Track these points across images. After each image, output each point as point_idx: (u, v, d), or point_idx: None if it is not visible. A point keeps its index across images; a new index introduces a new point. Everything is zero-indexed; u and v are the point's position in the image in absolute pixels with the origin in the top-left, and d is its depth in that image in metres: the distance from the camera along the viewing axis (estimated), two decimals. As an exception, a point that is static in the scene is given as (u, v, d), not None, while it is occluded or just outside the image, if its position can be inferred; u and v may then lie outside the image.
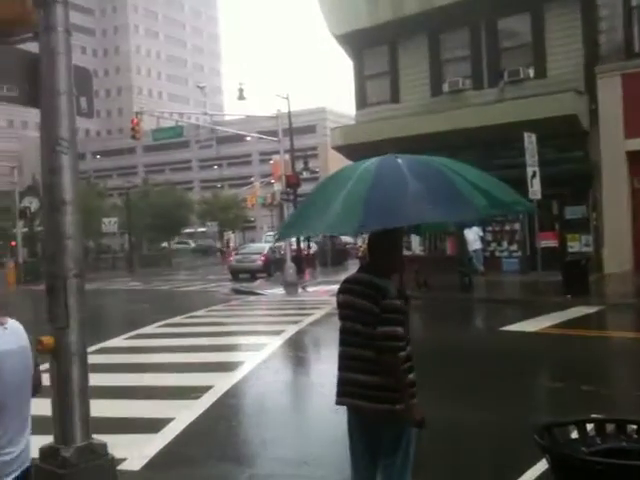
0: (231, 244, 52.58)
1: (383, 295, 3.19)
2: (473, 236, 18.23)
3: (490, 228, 20.18)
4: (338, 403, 3.44)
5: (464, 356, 9.48)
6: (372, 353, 3.20)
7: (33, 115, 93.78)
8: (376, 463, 3.40)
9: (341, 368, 3.41)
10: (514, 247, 20.21)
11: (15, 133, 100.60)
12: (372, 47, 22.41)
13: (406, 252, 20.11)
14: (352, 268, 28.98)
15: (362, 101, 23.09)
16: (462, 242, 17.64)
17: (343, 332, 3.43)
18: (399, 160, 3.19)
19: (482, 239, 19.40)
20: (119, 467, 4.03)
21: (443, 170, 3.15)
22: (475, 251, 18.62)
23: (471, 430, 5.98)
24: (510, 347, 10.04)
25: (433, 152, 4.05)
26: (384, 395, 3.20)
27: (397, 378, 3.17)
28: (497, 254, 20.52)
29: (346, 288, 3.44)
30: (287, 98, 27.26)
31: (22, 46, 4.06)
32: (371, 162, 3.27)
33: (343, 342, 3.43)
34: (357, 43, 22.56)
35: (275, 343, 11.28)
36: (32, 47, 4.02)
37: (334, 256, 33.18)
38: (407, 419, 3.21)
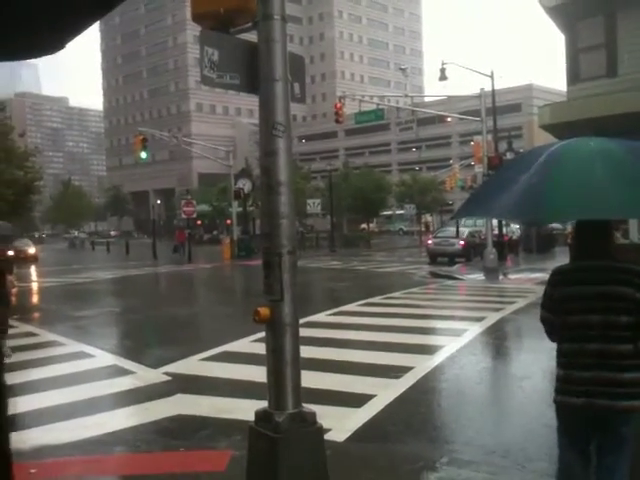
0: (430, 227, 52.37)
1: None
2: None
3: None
4: (578, 404, 3.15)
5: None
6: (627, 346, 3.03)
7: (246, 102, 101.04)
8: (590, 462, 3.19)
9: (580, 366, 3.13)
10: None
11: (230, 120, 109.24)
12: (586, 18, 20.68)
13: (623, 240, 18.37)
14: (560, 256, 27.33)
15: (574, 76, 21.46)
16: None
17: (581, 327, 3.13)
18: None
19: None
20: (325, 437, 4.19)
21: None
22: None
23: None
24: None
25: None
26: (636, 391, 3.03)
27: None
28: None
29: (587, 277, 3.16)
30: (491, 76, 26.25)
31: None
32: (605, 142, 3.06)
33: (580, 338, 3.13)
34: (570, 14, 20.95)
35: (475, 329, 11.02)
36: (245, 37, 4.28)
37: (539, 242, 31.44)
38: None
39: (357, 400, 6.65)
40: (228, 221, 43.46)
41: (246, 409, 4.30)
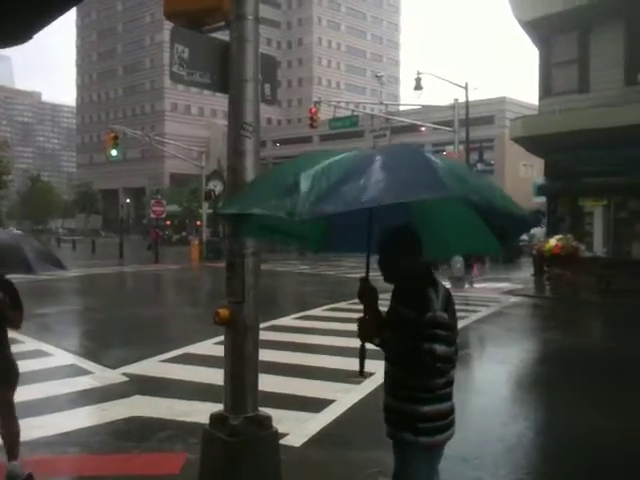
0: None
1: None
2: None
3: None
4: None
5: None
6: None
7: (221, 104, 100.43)
8: None
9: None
10: None
11: (205, 121, 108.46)
12: (561, 33, 21.07)
13: (587, 254, 18.61)
14: (524, 266, 27.70)
15: (546, 90, 21.83)
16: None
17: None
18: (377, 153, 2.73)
19: None
20: (281, 441, 4.15)
21: (427, 157, 2.66)
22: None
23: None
24: None
25: (624, 146, 3.69)
26: None
27: None
28: None
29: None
30: (465, 87, 26.56)
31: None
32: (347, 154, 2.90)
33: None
34: (545, 29, 21.31)
35: (439, 337, 11.06)
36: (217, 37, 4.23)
37: (506, 253, 31.85)
38: None
39: (317, 405, 6.62)
40: (198, 222, 43.08)
41: (204, 412, 4.24)
